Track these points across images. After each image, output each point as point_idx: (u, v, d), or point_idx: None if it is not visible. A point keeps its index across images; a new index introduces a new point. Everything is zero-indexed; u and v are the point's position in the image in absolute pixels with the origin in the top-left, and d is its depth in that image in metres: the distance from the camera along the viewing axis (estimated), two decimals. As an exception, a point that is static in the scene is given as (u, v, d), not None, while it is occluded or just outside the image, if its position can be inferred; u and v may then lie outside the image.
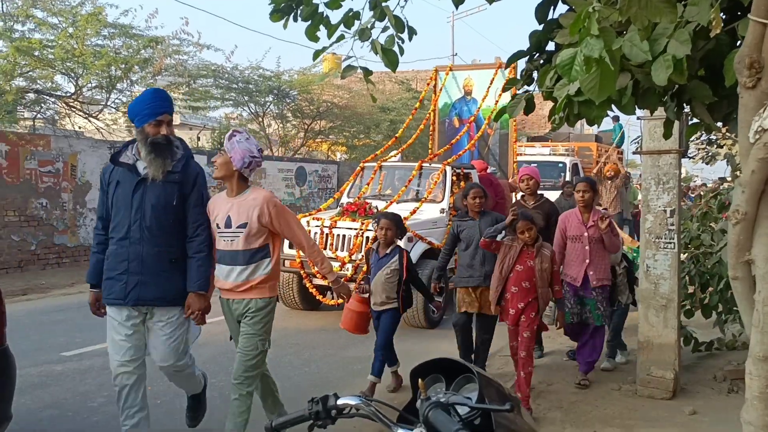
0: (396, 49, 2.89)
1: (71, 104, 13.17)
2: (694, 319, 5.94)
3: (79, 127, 14.30)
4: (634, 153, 9.47)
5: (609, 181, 12.69)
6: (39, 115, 13.24)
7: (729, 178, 7.19)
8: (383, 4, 2.84)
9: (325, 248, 7.57)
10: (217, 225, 3.63)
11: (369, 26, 2.85)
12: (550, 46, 2.95)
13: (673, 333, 4.93)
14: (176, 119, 23.35)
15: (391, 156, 9.65)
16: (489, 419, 1.58)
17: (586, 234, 5.22)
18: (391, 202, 8.09)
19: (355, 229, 7.58)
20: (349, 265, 7.42)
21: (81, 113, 13.47)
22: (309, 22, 2.87)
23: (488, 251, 5.08)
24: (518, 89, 3.04)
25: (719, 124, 3.12)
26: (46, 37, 12.19)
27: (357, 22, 2.88)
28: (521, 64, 3.08)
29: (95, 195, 12.15)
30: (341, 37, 2.88)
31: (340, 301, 5.34)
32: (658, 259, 4.94)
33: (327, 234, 7.73)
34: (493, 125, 10.45)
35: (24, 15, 11.83)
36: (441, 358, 1.80)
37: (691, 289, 5.92)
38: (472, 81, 10.78)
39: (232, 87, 17.72)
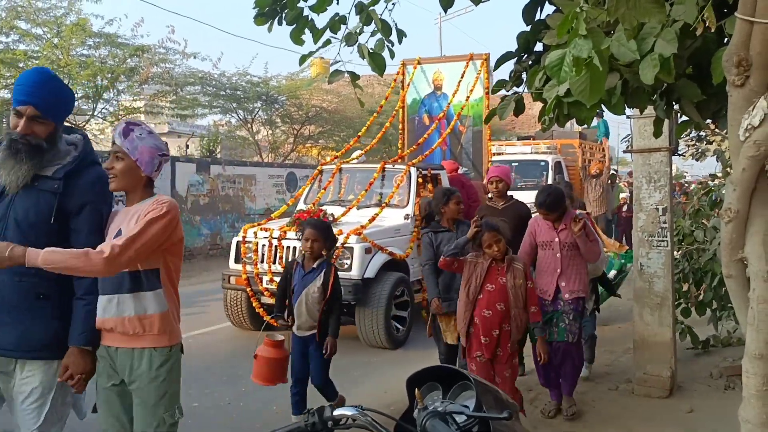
0: (386, 52, 2.88)
1: (58, 115, 13.08)
2: (690, 317, 5.95)
3: (67, 138, 14.20)
4: (624, 152, 9.40)
5: (594, 179, 12.25)
6: (26, 127, 13.14)
7: (720, 175, 7.22)
8: (370, 8, 2.83)
9: (273, 262, 6.84)
10: None
11: (356, 31, 2.84)
12: (539, 47, 2.95)
13: (669, 331, 4.94)
14: (164, 128, 23.32)
15: (353, 158, 8.78)
16: (487, 426, 1.56)
17: (557, 239, 4.55)
18: (350, 208, 7.33)
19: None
20: None
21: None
22: (294, 26, 2.85)
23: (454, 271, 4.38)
24: (507, 90, 3.03)
25: (708, 121, 3.13)
26: (31, 48, 12.12)
27: (343, 27, 2.86)
28: (509, 65, 3.07)
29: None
30: (328, 42, 2.87)
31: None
32: (652, 258, 4.94)
33: (276, 246, 6.89)
34: (464, 121, 9.72)
35: (8, 26, 11.77)
36: (437, 366, 1.78)
37: (685, 287, 5.92)
38: (442, 75, 9.97)
39: (219, 94, 17.68)
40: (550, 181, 12.70)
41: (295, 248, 6.74)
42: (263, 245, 6.95)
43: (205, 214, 14.65)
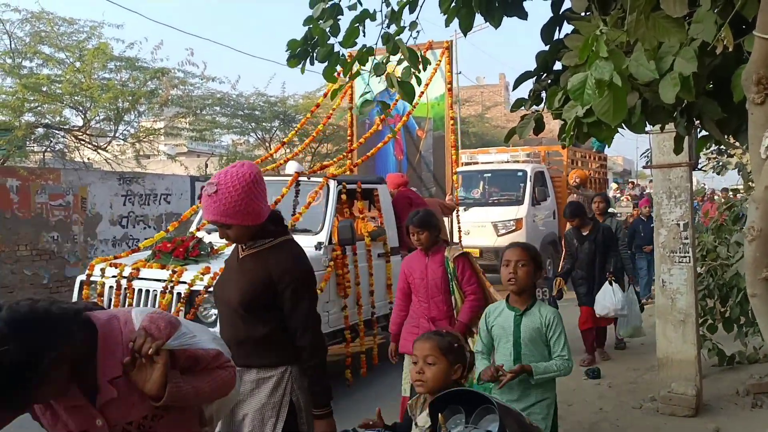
0: (414, 80, 2.92)
1: (80, 137, 13.29)
2: (716, 333, 5.85)
3: (88, 159, 14.42)
4: (644, 167, 9.16)
5: (576, 192, 10.62)
6: (48, 149, 13.37)
7: (741, 189, 7.13)
8: (396, 37, 2.88)
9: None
10: None
11: (384, 61, 2.88)
12: (557, 66, 2.96)
13: (693, 348, 4.87)
14: (183, 148, 23.64)
15: (274, 166, 7.26)
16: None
17: None
18: None
19: (163, 280, 4.95)
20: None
21: (90, 146, 13.60)
22: (326, 63, 2.90)
23: None
24: (527, 109, 3.04)
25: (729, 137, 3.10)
26: (54, 72, 12.33)
27: (371, 58, 2.92)
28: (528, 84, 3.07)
29: (106, 226, 12.22)
30: (357, 74, 2.91)
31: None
32: (674, 274, 4.89)
33: (125, 288, 5.02)
34: (423, 125, 8.24)
35: (32, 52, 12.00)
36: (459, 389, 1.78)
37: (710, 303, 5.84)
38: (397, 69, 8.80)
39: (237, 114, 17.87)
40: (528, 194, 10.83)
41: (147, 291, 5.02)
42: (110, 287, 5.17)
43: (225, 233, 14.75)
